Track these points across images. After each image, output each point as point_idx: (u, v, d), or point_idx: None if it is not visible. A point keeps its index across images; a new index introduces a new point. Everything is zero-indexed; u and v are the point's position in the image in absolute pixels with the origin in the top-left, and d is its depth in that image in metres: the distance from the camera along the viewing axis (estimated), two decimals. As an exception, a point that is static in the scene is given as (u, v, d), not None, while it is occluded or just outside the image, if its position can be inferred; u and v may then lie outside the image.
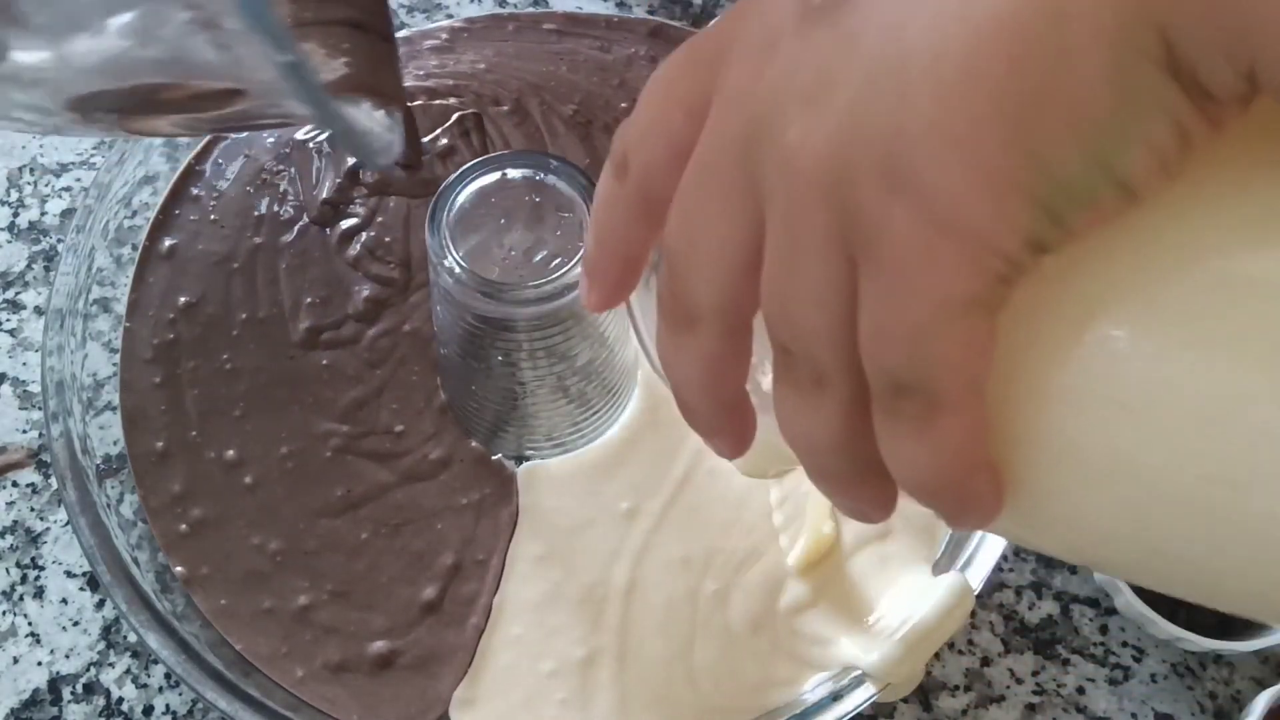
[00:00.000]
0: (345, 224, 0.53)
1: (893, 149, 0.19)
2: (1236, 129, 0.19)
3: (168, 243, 0.53)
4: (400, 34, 0.60)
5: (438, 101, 0.57)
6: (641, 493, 0.47)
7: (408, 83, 0.58)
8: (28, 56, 0.36)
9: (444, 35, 0.60)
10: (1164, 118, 0.18)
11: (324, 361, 0.50)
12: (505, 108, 0.57)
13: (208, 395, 0.50)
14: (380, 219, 0.54)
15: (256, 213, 0.54)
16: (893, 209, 0.19)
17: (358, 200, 0.54)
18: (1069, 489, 0.21)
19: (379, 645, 0.45)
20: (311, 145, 0.56)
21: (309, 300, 0.52)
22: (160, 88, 0.37)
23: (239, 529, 0.47)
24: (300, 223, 0.54)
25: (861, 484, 0.23)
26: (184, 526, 0.47)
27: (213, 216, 0.54)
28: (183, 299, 0.52)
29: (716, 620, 0.45)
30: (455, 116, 0.56)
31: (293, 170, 0.55)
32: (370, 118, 0.44)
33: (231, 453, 0.48)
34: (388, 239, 0.53)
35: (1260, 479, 0.19)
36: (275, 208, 0.54)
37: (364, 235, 0.53)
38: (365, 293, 0.52)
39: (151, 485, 0.48)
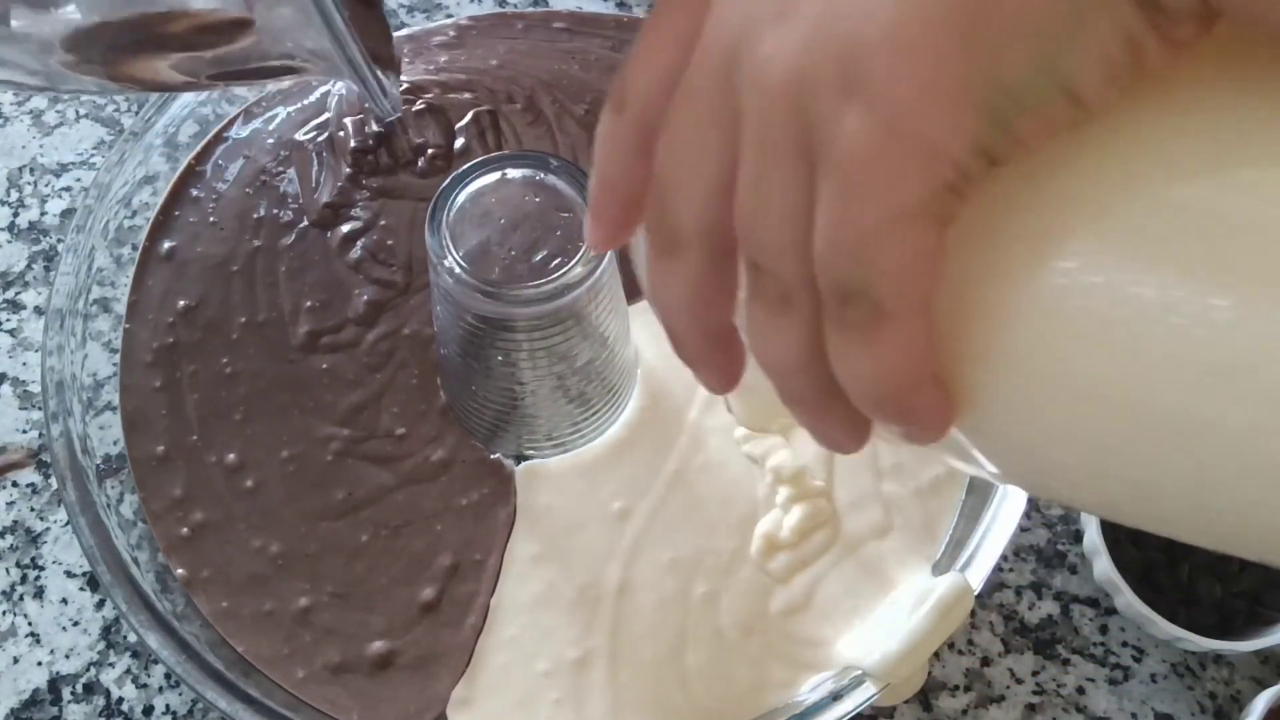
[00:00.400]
0: (346, 227, 0.53)
1: (851, 56, 0.20)
2: (1198, 53, 0.19)
3: (167, 245, 0.53)
4: (405, 32, 0.60)
5: (451, 95, 0.57)
6: (633, 493, 0.47)
7: (418, 76, 0.58)
8: None
9: (451, 32, 0.60)
10: (1114, 28, 0.19)
11: (324, 365, 0.50)
12: (518, 105, 0.57)
13: (208, 399, 0.50)
14: (383, 221, 0.54)
15: (256, 215, 0.54)
16: (848, 115, 0.20)
17: (360, 203, 0.54)
18: (1016, 404, 0.22)
19: (378, 645, 0.45)
20: (311, 147, 0.56)
21: (308, 304, 0.51)
22: (163, 17, 0.37)
23: (240, 532, 0.47)
24: (300, 225, 0.54)
25: (830, 407, 0.24)
26: (185, 530, 0.47)
27: (212, 219, 0.54)
28: (182, 302, 0.52)
29: (707, 623, 0.45)
30: (471, 114, 0.56)
31: (292, 172, 0.55)
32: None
33: (232, 456, 0.48)
34: (390, 241, 0.53)
35: (1184, 397, 0.19)
36: (275, 210, 0.54)
37: (365, 238, 0.53)
38: (364, 296, 0.52)
39: (152, 488, 0.48)
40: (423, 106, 0.57)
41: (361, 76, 0.36)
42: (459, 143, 0.56)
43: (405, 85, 0.57)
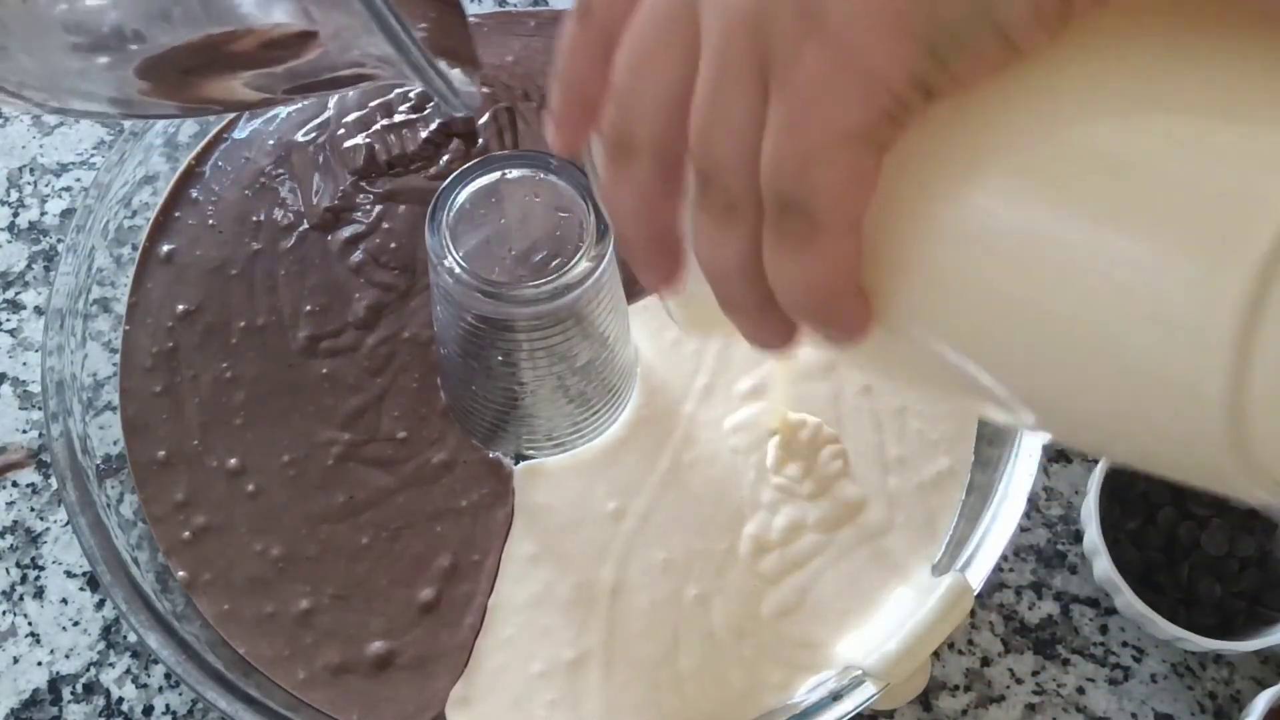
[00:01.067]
0: (348, 231, 0.53)
1: None
2: (1122, 5, 0.21)
3: (166, 248, 0.53)
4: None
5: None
6: (627, 492, 0.47)
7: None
8: (101, 15, 0.36)
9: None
10: None
11: (324, 370, 0.50)
12: (534, 103, 0.57)
13: (208, 403, 0.49)
14: (386, 225, 0.53)
15: (255, 218, 0.54)
16: (804, 43, 0.21)
17: (363, 206, 0.54)
18: (927, 312, 0.24)
19: (378, 646, 0.45)
20: (311, 149, 0.55)
21: (308, 308, 0.51)
22: (228, 37, 0.37)
23: (241, 536, 0.47)
24: (300, 228, 0.53)
25: (764, 312, 0.25)
26: (187, 533, 0.47)
27: (210, 221, 0.54)
28: (181, 306, 0.51)
29: (699, 626, 0.45)
30: (490, 112, 0.56)
31: (292, 175, 0.55)
32: (448, 75, 0.44)
33: (234, 461, 0.48)
34: (393, 245, 0.53)
35: (1070, 316, 0.21)
36: (274, 213, 0.54)
37: (368, 241, 0.53)
38: (364, 300, 0.51)
39: (154, 493, 0.48)
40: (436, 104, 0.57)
41: (427, 80, 0.36)
42: (478, 142, 0.56)
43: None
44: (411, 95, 0.57)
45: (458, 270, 0.41)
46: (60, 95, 0.38)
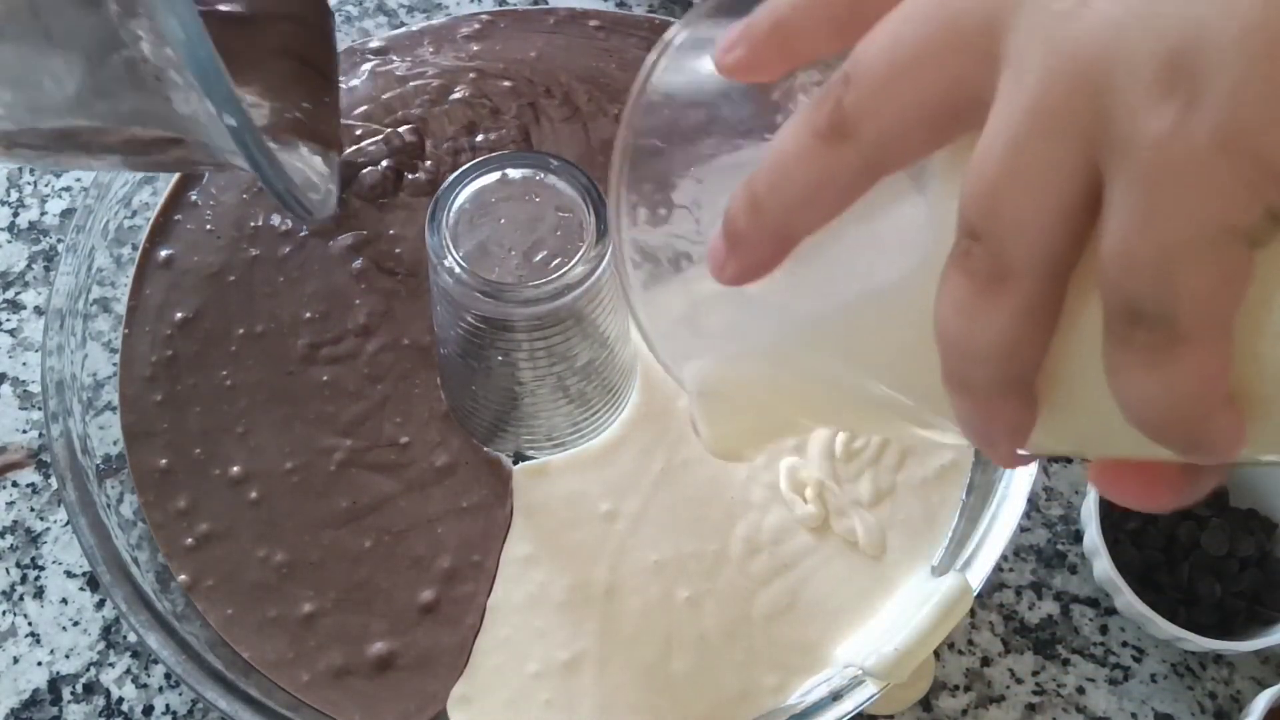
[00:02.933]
0: (350, 238, 0.53)
1: (1185, 42, 0.17)
2: None
3: (164, 253, 0.53)
4: (428, 23, 0.60)
5: (491, 81, 0.57)
6: (620, 493, 0.47)
7: (451, 63, 0.58)
8: None
9: (477, 24, 0.60)
10: None
11: (324, 378, 0.50)
12: (555, 100, 0.57)
13: (209, 412, 0.49)
14: (391, 230, 0.53)
15: (253, 224, 0.53)
16: (1167, 111, 0.17)
17: (362, 212, 0.54)
18: None
19: (379, 647, 0.45)
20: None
21: (307, 315, 0.51)
22: (93, 130, 0.36)
23: (244, 543, 0.47)
24: (299, 234, 0.53)
25: (1004, 402, 0.21)
26: (190, 540, 0.47)
27: (208, 226, 0.53)
28: (179, 314, 0.51)
29: (691, 628, 0.45)
30: (515, 108, 0.56)
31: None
32: (308, 163, 0.44)
33: (236, 469, 0.48)
34: (398, 250, 0.53)
35: None
36: (272, 219, 0.54)
37: (371, 249, 0.53)
38: (365, 307, 0.51)
39: (155, 500, 0.48)
40: (461, 94, 0.57)
41: (287, 202, 0.36)
42: (492, 135, 0.56)
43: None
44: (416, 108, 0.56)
45: (458, 270, 0.41)
46: None
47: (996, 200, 0.20)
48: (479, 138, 0.55)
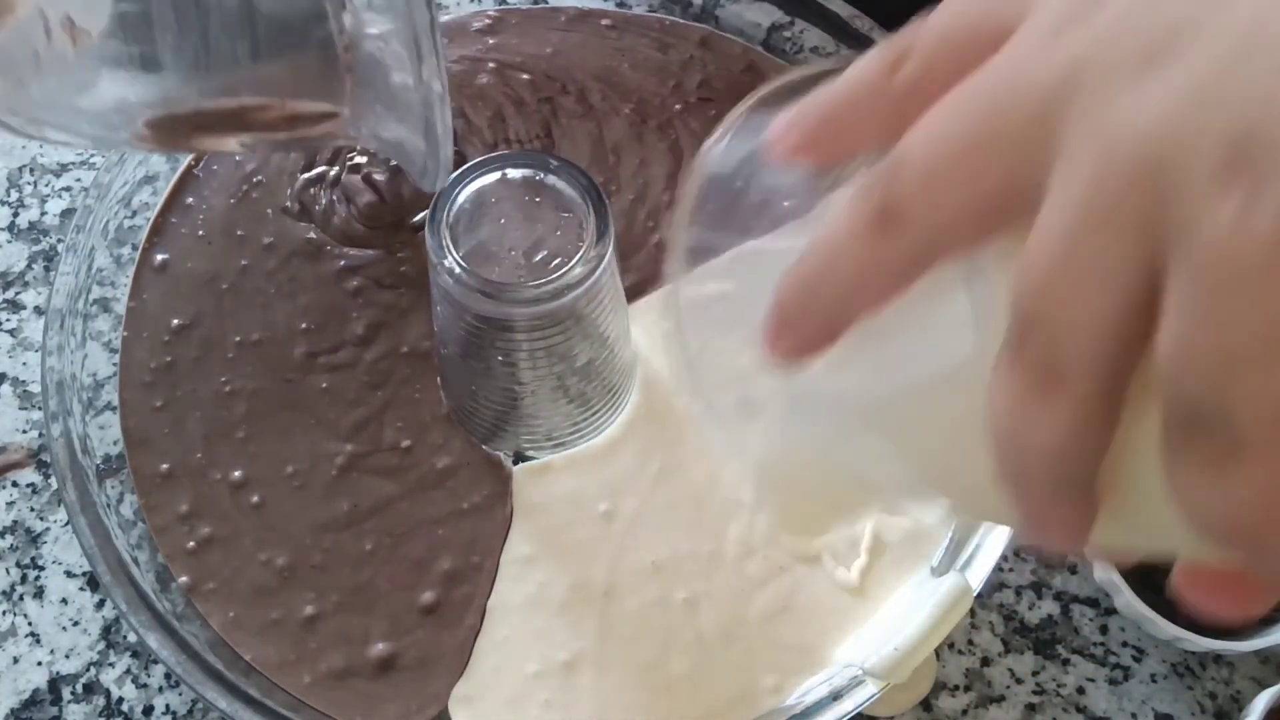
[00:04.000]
0: (340, 262, 0.53)
1: (1252, 125, 0.16)
2: None
3: (160, 257, 0.53)
4: (442, 18, 0.60)
5: (509, 73, 0.57)
6: (618, 493, 0.47)
7: (468, 51, 0.58)
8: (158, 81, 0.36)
9: (487, 19, 0.60)
10: None
11: (323, 385, 0.50)
12: (571, 96, 0.57)
13: (209, 418, 0.49)
14: (400, 254, 0.53)
15: (239, 231, 0.53)
16: (1230, 202, 0.16)
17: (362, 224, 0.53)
18: None
19: (380, 648, 0.45)
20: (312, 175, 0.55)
21: (303, 325, 0.51)
22: (263, 107, 0.37)
23: (246, 546, 0.47)
24: (285, 251, 0.53)
25: (1059, 504, 0.20)
26: (192, 543, 0.47)
27: (200, 232, 0.53)
28: (176, 320, 0.51)
29: (688, 630, 0.45)
30: (535, 102, 0.56)
31: (288, 193, 0.55)
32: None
33: (237, 474, 0.48)
34: (403, 269, 0.52)
35: None
36: (255, 229, 0.53)
37: (367, 271, 0.52)
38: (362, 319, 0.51)
39: (157, 504, 0.48)
40: (486, 81, 0.57)
41: (433, 151, 0.37)
42: (519, 124, 0.56)
43: (455, 69, 0.57)
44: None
45: (457, 270, 0.41)
46: (43, 127, 0.38)
47: (1050, 295, 0.19)
48: (509, 126, 0.55)
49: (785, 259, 0.24)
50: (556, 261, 0.44)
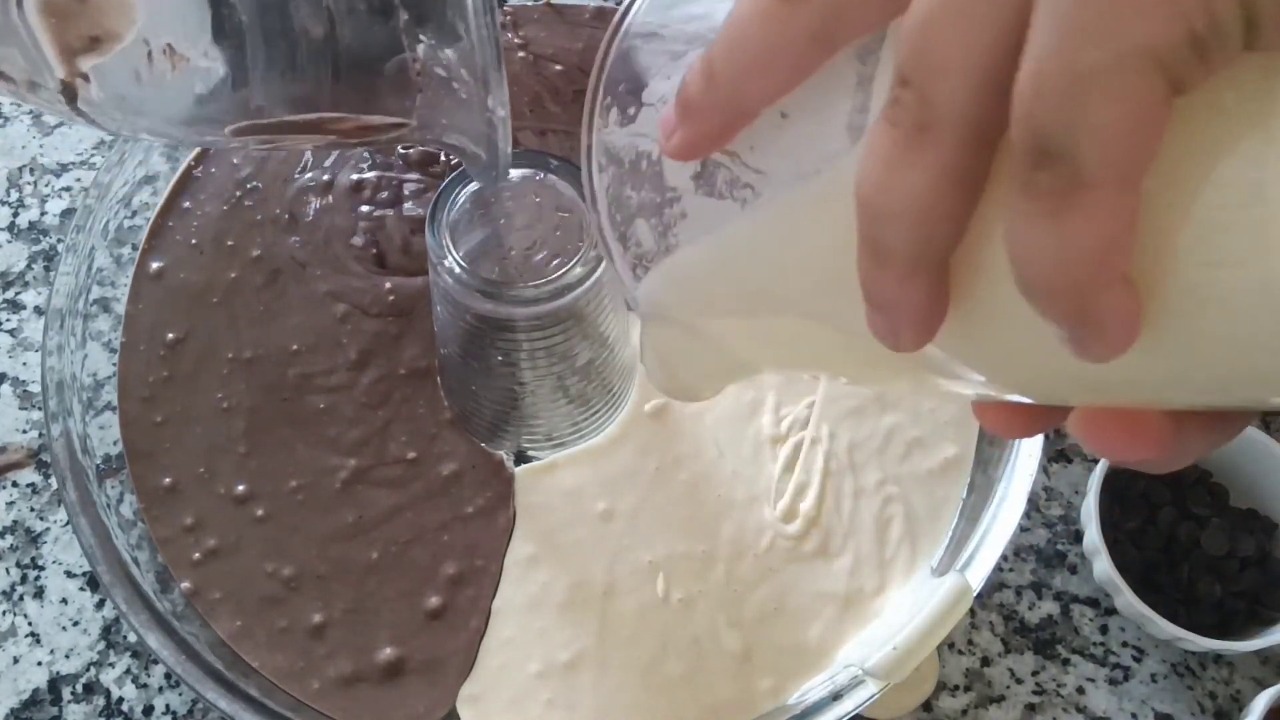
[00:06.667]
0: (325, 285, 0.52)
1: None
2: None
3: (155, 264, 0.53)
4: None
5: (544, 63, 0.58)
6: (616, 493, 0.47)
7: (510, 40, 0.59)
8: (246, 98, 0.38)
9: (506, 13, 0.60)
10: None
11: (321, 405, 0.50)
12: None
13: (210, 433, 0.49)
14: (387, 285, 0.53)
15: (229, 241, 0.53)
16: None
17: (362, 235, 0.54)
18: (1206, 334, 0.18)
19: (387, 653, 0.45)
20: (307, 181, 0.55)
21: (295, 347, 0.51)
22: (339, 119, 0.39)
23: (252, 558, 0.47)
24: (272, 267, 0.53)
25: (914, 280, 0.20)
26: (197, 555, 0.47)
27: (193, 240, 0.53)
28: (170, 335, 0.51)
29: (685, 631, 0.45)
30: (570, 94, 0.57)
31: (260, 184, 0.55)
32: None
33: (241, 488, 0.48)
34: (390, 298, 0.52)
35: None
36: (243, 240, 0.53)
37: (351, 296, 0.52)
38: (351, 345, 0.51)
39: (160, 516, 0.48)
40: (519, 68, 0.57)
41: (495, 162, 0.39)
42: (557, 109, 0.56)
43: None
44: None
45: (457, 270, 0.41)
46: (137, 130, 0.40)
47: (926, 38, 0.18)
48: (550, 112, 0.56)
49: None
50: (556, 261, 0.44)
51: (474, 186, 0.42)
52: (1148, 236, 0.18)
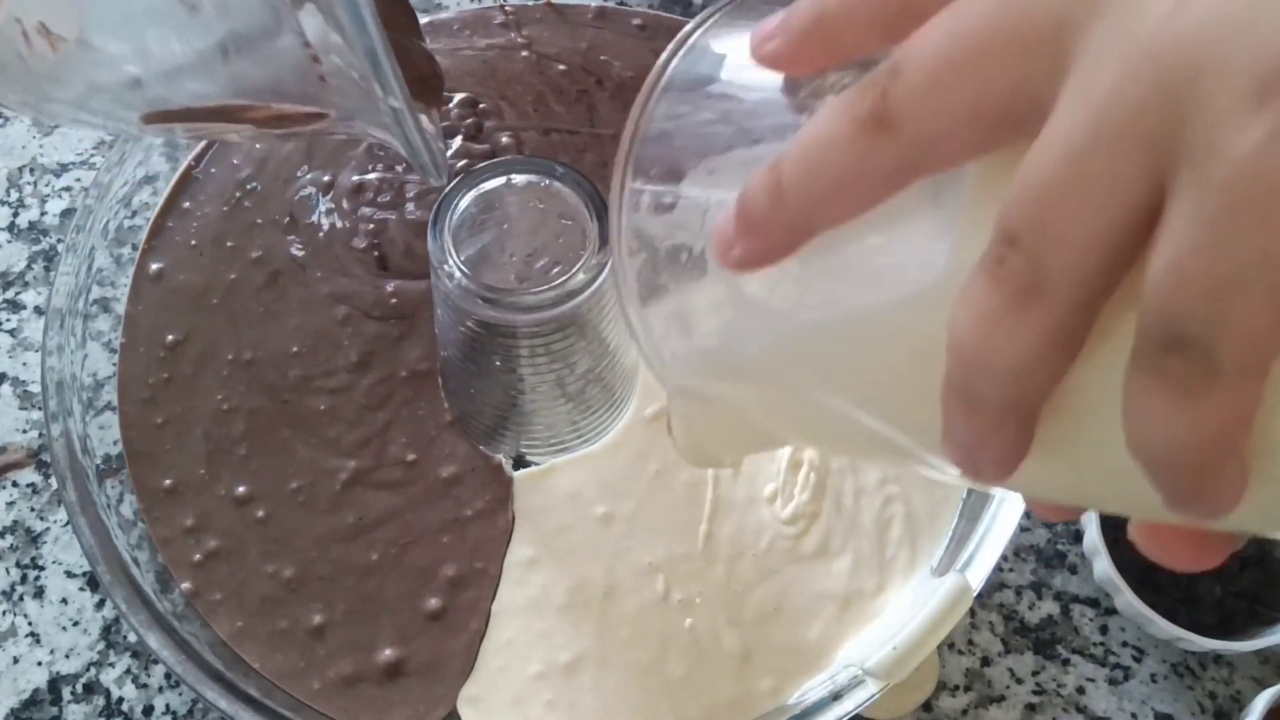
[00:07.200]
0: (325, 288, 0.52)
1: None
2: None
3: (155, 266, 0.52)
4: (456, 12, 0.60)
5: (547, 62, 0.58)
6: (616, 496, 0.47)
7: (500, 41, 0.59)
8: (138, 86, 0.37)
9: (508, 13, 0.60)
10: None
11: (321, 407, 0.50)
12: (607, 92, 0.57)
13: (210, 434, 0.49)
14: (388, 287, 0.53)
15: (229, 243, 0.53)
16: (1258, 127, 0.16)
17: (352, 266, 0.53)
18: None
19: (388, 654, 0.45)
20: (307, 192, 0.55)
21: (294, 349, 0.51)
22: (245, 107, 0.38)
23: (252, 559, 0.47)
24: (271, 269, 0.53)
25: (1002, 427, 0.20)
26: (198, 556, 0.47)
27: (193, 241, 0.53)
28: (170, 336, 0.51)
29: (685, 632, 0.45)
30: (574, 93, 0.56)
31: (261, 185, 0.54)
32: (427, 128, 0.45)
33: (241, 489, 0.48)
34: (393, 300, 0.52)
35: None
36: (243, 242, 0.53)
37: (354, 299, 0.52)
38: (352, 348, 0.51)
39: (160, 517, 0.47)
40: (523, 68, 0.57)
41: (416, 158, 0.38)
42: (561, 109, 0.56)
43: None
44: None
45: (458, 275, 0.40)
46: (54, 116, 0.40)
47: (1045, 206, 0.18)
48: (554, 112, 0.56)
49: (744, 170, 0.23)
50: (558, 268, 0.44)
51: (478, 191, 0.42)
52: (1265, 415, 0.18)
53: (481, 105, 0.56)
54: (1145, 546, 0.22)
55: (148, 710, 0.47)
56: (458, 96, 0.57)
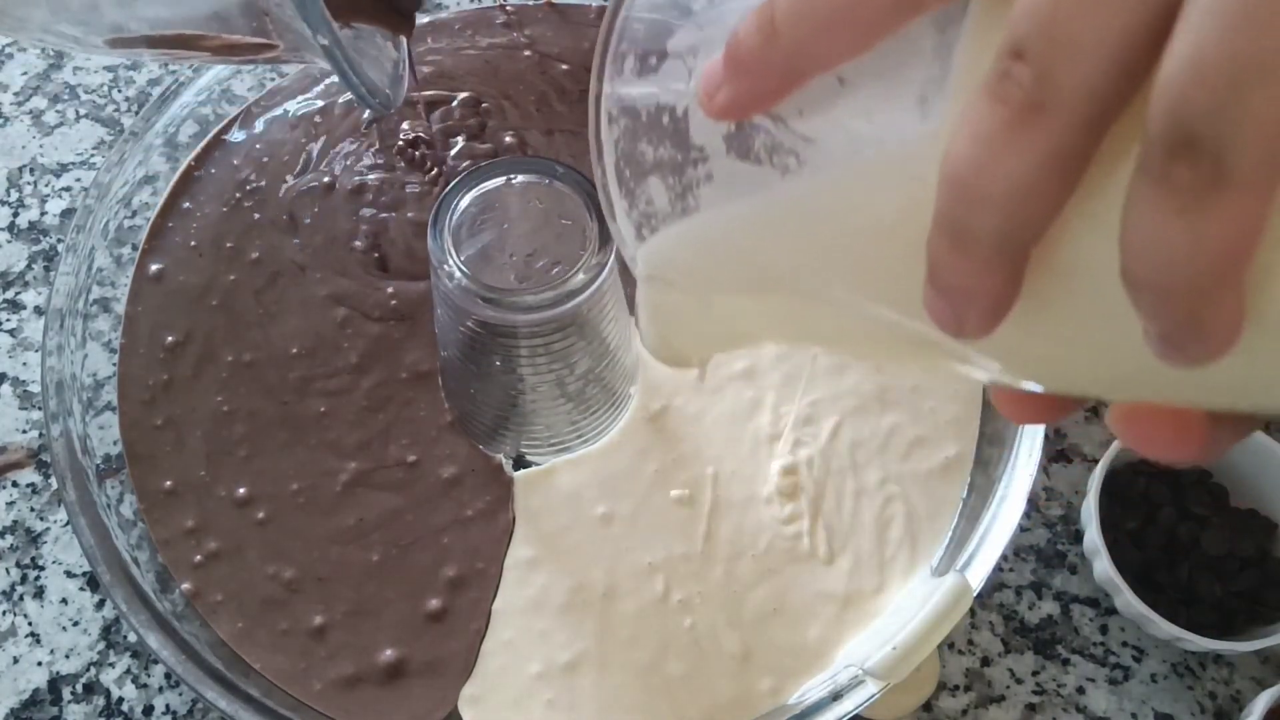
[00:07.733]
0: (324, 289, 0.52)
1: None
2: None
3: (154, 267, 0.53)
4: (457, 10, 0.61)
5: (550, 62, 0.58)
6: (616, 496, 0.47)
7: (501, 40, 0.59)
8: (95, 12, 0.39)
9: (509, 13, 0.60)
10: None
11: (321, 409, 0.50)
12: None
13: (210, 436, 0.49)
14: (388, 288, 0.53)
15: (228, 244, 0.53)
16: None
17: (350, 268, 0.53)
18: None
19: (388, 655, 0.45)
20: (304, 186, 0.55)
21: (294, 350, 0.51)
22: (198, 37, 0.40)
23: (253, 560, 0.47)
24: (271, 270, 0.53)
25: (992, 267, 0.19)
26: (198, 557, 0.47)
27: (193, 241, 0.53)
28: (170, 337, 0.51)
29: (684, 632, 0.45)
30: (576, 93, 0.57)
31: (263, 185, 0.54)
32: (381, 51, 0.46)
33: (242, 491, 0.48)
34: (393, 302, 0.52)
35: None
36: (243, 243, 0.53)
37: (352, 300, 0.52)
38: (352, 350, 0.51)
39: (162, 520, 0.48)
40: (525, 66, 0.57)
41: (355, 91, 0.40)
42: (564, 108, 0.56)
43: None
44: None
45: (458, 275, 0.40)
46: (19, 32, 0.42)
47: (1056, 11, 0.17)
48: (557, 111, 0.56)
49: (738, 21, 0.21)
50: (558, 268, 0.44)
51: (478, 191, 0.42)
52: (1267, 251, 0.17)
53: (484, 105, 0.56)
54: (1124, 433, 0.21)
55: (148, 710, 0.47)
56: (460, 96, 0.57)
